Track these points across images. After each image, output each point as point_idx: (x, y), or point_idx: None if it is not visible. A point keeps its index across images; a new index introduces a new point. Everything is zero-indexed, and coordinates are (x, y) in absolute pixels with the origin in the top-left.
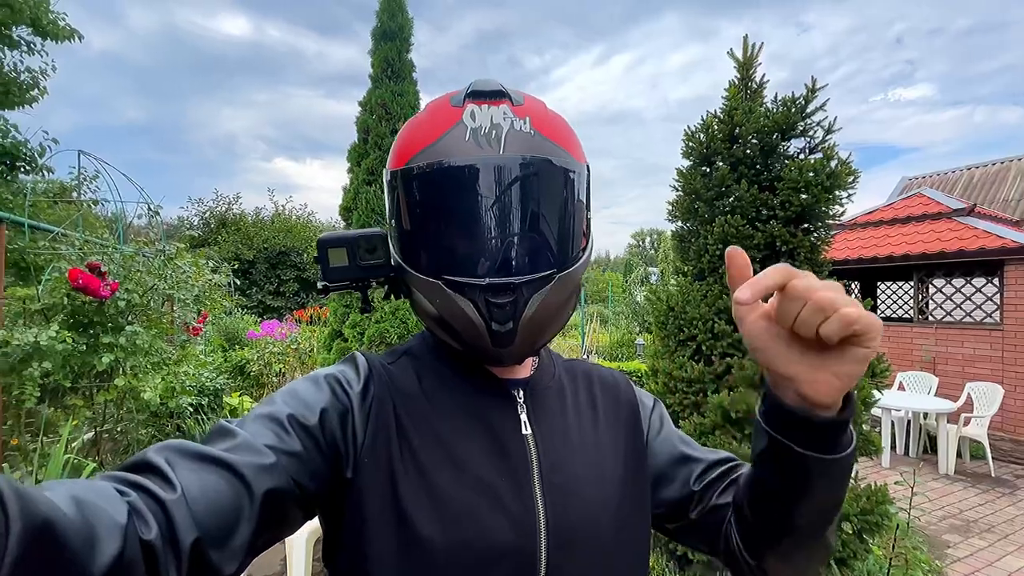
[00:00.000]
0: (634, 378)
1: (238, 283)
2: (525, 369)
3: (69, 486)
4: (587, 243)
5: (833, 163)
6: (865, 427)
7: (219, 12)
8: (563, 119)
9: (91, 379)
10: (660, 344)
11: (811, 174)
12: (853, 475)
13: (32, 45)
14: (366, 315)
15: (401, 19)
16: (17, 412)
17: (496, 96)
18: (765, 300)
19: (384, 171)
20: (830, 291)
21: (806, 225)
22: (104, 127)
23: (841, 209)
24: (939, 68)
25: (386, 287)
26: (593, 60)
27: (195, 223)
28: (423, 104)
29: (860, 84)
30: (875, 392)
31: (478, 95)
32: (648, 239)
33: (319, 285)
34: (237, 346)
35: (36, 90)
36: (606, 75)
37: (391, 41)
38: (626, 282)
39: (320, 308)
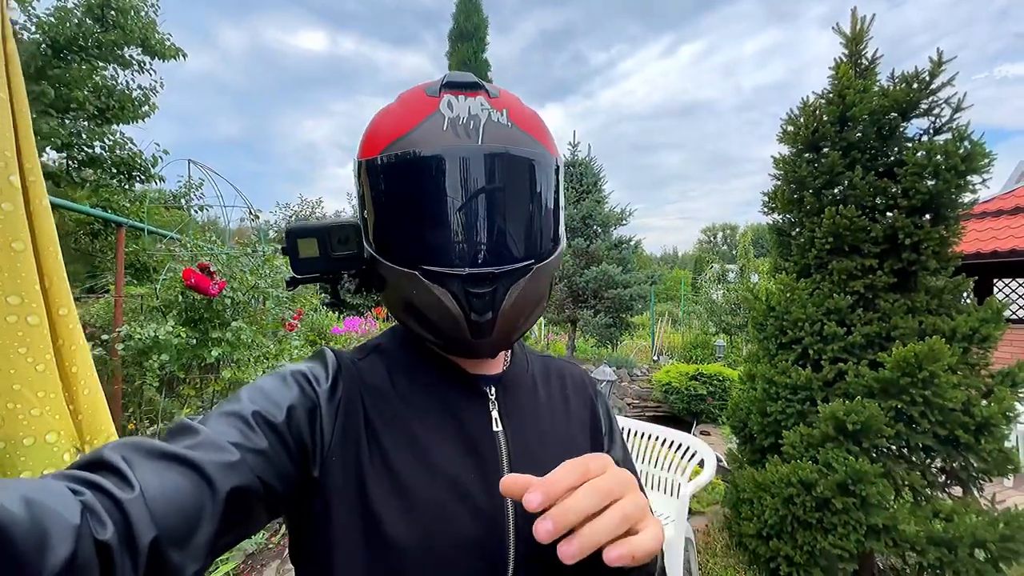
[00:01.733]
0: (715, 382)
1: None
2: (497, 365)
3: (18, 486)
4: (559, 237)
5: (965, 143)
6: (1008, 443)
7: (299, 29)
8: (537, 114)
9: (200, 370)
10: (759, 347)
11: (940, 157)
12: (990, 499)
13: (142, 64)
14: None
15: (476, 19)
16: (137, 400)
17: (472, 87)
18: None
19: (355, 160)
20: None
21: (932, 215)
22: (202, 141)
23: (974, 196)
24: None
25: (357, 280)
26: (661, 51)
27: (282, 227)
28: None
29: (961, 61)
30: (1017, 404)
31: (454, 86)
32: (720, 234)
33: (287, 278)
34: (323, 340)
35: (147, 106)
36: (675, 65)
37: (467, 41)
38: (696, 279)
39: None
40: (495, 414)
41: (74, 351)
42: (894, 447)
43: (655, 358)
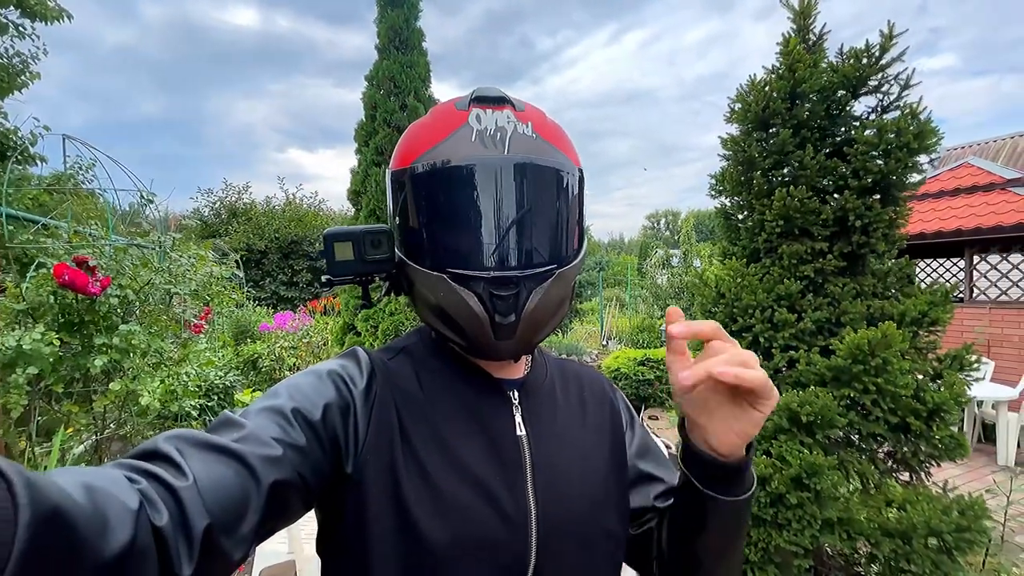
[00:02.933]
0: (662, 366)
1: (239, 275)
2: (519, 369)
3: (79, 473)
4: (582, 243)
5: (915, 121)
6: (953, 428)
7: (227, 3)
8: (560, 126)
9: (87, 383)
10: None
11: (891, 135)
12: (942, 486)
13: (21, 28)
14: (378, 308)
15: None
16: (6, 422)
17: (500, 102)
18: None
19: (386, 172)
20: (746, 353)
21: (880, 196)
22: (122, 122)
23: (921, 176)
24: (965, 36)
25: (386, 283)
26: (607, 38)
27: (205, 214)
28: (434, 80)
29: None
30: (967, 389)
31: (483, 100)
32: (663, 220)
33: (323, 279)
34: (248, 340)
35: (26, 74)
36: (620, 53)
37: (398, 7)
38: (642, 265)
39: (334, 299)
40: (518, 418)
41: None
42: (844, 436)
43: (604, 343)
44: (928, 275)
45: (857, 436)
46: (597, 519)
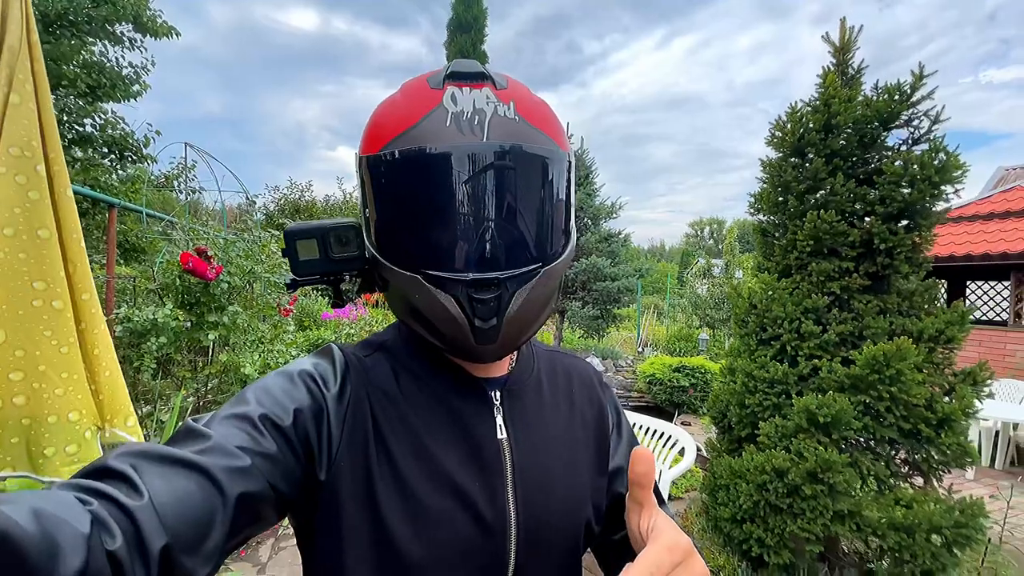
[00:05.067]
0: (697, 374)
1: None
2: (503, 366)
3: (27, 498)
4: (569, 237)
5: (940, 155)
6: (969, 438)
7: (290, 6)
8: (547, 104)
9: (195, 353)
10: (740, 343)
11: (916, 167)
12: (947, 488)
13: (133, 41)
14: None
15: (476, 10)
16: (131, 382)
17: (478, 78)
18: None
19: (356, 155)
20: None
21: (906, 222)
22: (186, 118)
23: (947, 205)
24: None
25: (359, 281)
26: (655, 43)
27: (271, 209)
28: None
29: (949, 64)
30: (976, 402)
31: (459, 76)
32: (707, 229)
33: (287, 280)
34: (313, 326)
35: (137, 84)
36: (667, 58)
37: (466, 32)
38: (682, 273)
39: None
40: (500, 420)
41: (96, 334)
42: (862, 439)
43: (640, 350)
44: (978, 297)
45: (872, 440)
46: (580, 521)
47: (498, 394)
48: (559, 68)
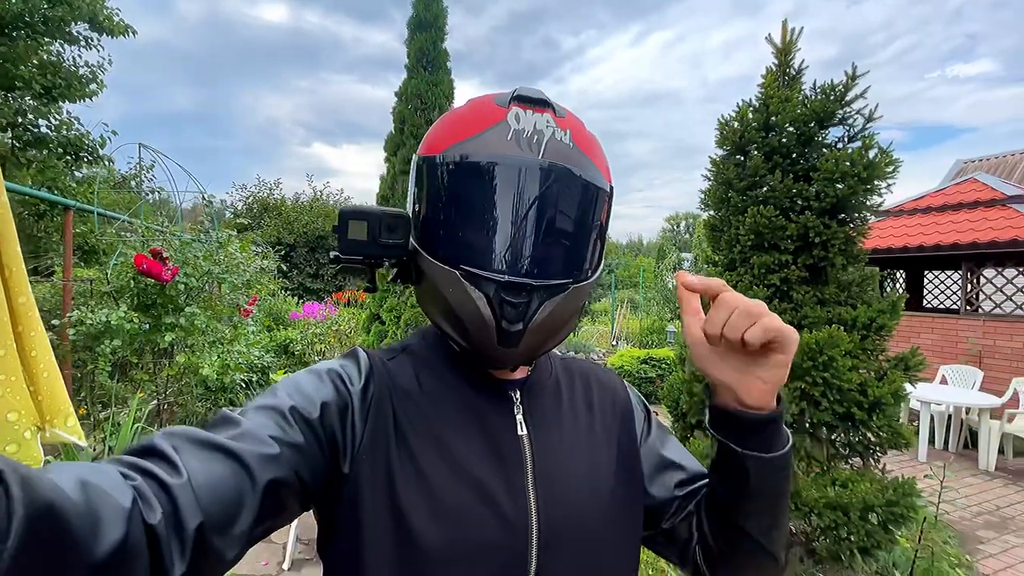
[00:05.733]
0: (663, 366)
1: (284, 268)
2: (522, 370)
3: (75, 469)
4: (600, 261)
5: (872, 152)
6: (895, 420)
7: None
8: (597, 140)
9: (153, 355)
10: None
11: (848, 164)
12: (880, 467)
13: (90, 40)
14: (400, 299)
15: (436, 8)
16: (88, 385)
17: (541, 104)
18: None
19: (415, 155)
20: (754, 304)
21: (842, 216)
22: (154, 115)
23: (880, 200)
24: (1003, 43)
25: (395, 270)
26: (630, 39)
27: (239, 208)
28: (458, 92)
29: (916, 60)
30: (907, 385)
31: (524, 100)
32: (683, 223)
33: (331, 255)
34: (281, 326)
35: (94, 84)
36: (643, 54)
37: (426, 31)
38: (658, 267)
39: (356, 291)
40: (519, 418)
41: (33, 337)
42: (797, 423)
43: (613, 343)
44: (935, 286)
45: (810, 425)
46: (604, 520)
47: (518, 393)
48: (536, 64)
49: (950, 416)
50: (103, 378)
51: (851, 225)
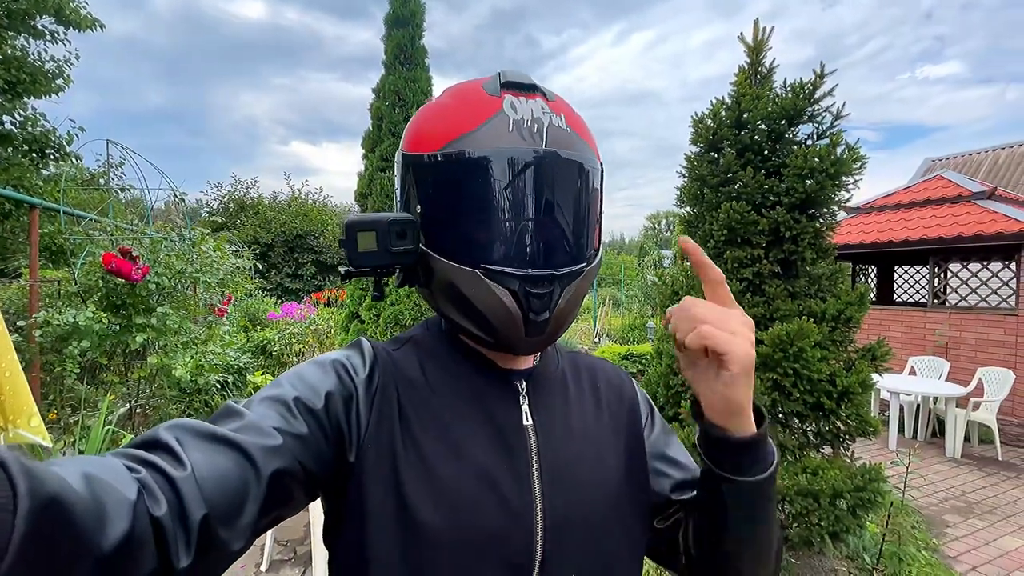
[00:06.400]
0: (643, 361)
1: (260, 267)
2: (528, 359)
3: (80, 462)
4: (600, 241)
5: (840, 149)
6: (864, 409)
7: None
8: (583, 118)
9: (124, 356)
10: (665, 327)
11: (816, 160)
12: (849, 454)
13: (56, 34)
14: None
15: (413, 5)
16: (58, 388)
17: (532, 89)
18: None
19: (405, 154)
20: (707, 310)
21: (811, 211)
22: (127, 112)
23: (848, 195)
24: (970, 44)
25: (403, 274)
26: (613, 38)
27: (214, 207)
28: (436, 90)
29: (887, 61)
30: (874, 376)
31: (514, 86)
32: (664, 221)
33: (342, 271)
34: (258, 327)
35: (61, 79)
36: (626, 53)
37: (403, 27)
38: (640, 265)
39: (336, 290)
40: (525, 408)
41: None
42: (775, 413)
43: (595, 340)
44: (905, 281)
45: (782, 415)
46: (610, 511)
47: (524, 383)
48: (519, 62)
49: (919, 406)
50: (71, 380)
51: (820, 220)
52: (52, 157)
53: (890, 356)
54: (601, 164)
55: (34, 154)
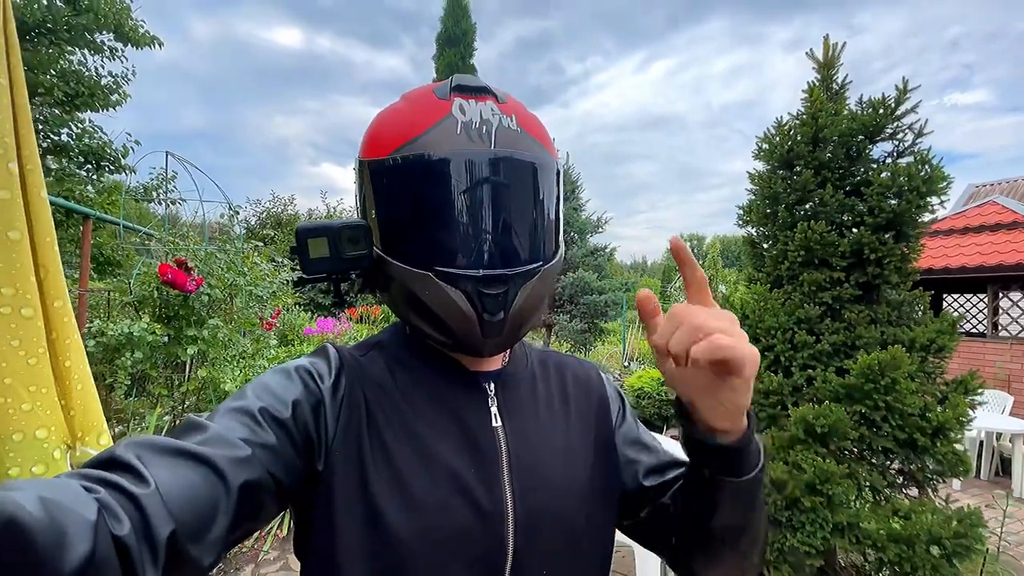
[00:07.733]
0: None
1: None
2: (497, 361)
3: (35, 485)
4: (559, 240)
5: (926, 167)
6: (958, 447)
7: (275, 24)
8: (538, 117)
9: (172, 369)
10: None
11: (903, 178)
12: (944, 498)
13: (114, 51)
14: None
15: (465, 24)
16: (105, 399)
17: (482, 92)
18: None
19: (359, 160)
20: (708, 317)
21: (894, 232)
22: (166, 132)
23: (933, 216)
24: (997, 72)
25: (361, 280)
26: (635, 66)
27: (253, 223)
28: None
29: (914, 88)
30: (969, 411)
31: (464, 89)
32: (688, 244)
33: (295, 278)
34: (296, 341)
35: (117, 94)
36: (647, 80)
37: (455, 46)
38: (665, 288)
39: (369, 307)
40: (494, 410)
41: (68, 345)
42: (856, 449)
43: (625, 363)
44: (956, 309)
45: (868, 451)
46: (581, 510)
47: (492, 385)
48: (542, 88)
49: (982, 442)
50: (120, 393)
51: (905, 243)
52: (108, 169)
53: (984, 386)
54: (557, 163)
55: (90, 166)
